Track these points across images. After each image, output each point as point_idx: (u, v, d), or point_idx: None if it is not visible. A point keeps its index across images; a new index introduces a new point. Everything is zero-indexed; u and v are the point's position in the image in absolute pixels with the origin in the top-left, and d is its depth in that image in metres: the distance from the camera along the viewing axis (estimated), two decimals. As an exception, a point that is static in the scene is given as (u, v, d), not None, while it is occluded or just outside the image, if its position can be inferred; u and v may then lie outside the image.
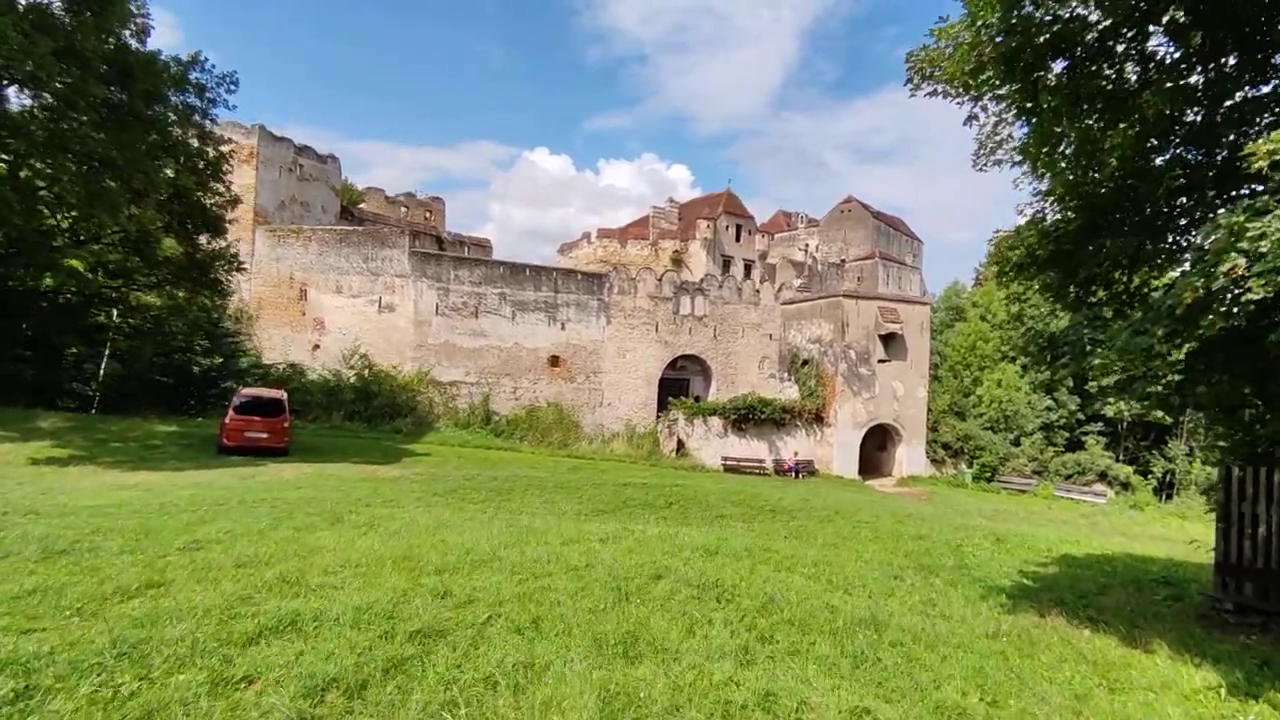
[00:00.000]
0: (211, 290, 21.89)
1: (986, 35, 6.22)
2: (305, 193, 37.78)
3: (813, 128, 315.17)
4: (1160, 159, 7.43)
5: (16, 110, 16.55)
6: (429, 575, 6.00)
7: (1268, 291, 4.40)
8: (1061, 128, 6.97)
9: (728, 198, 53.50)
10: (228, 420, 17.30)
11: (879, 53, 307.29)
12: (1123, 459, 38.73)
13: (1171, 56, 6.90)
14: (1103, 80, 6.99)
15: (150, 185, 17.36)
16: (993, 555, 11.76)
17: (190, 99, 18.85)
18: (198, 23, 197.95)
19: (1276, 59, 6.70)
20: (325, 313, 29.80)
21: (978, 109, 7.14)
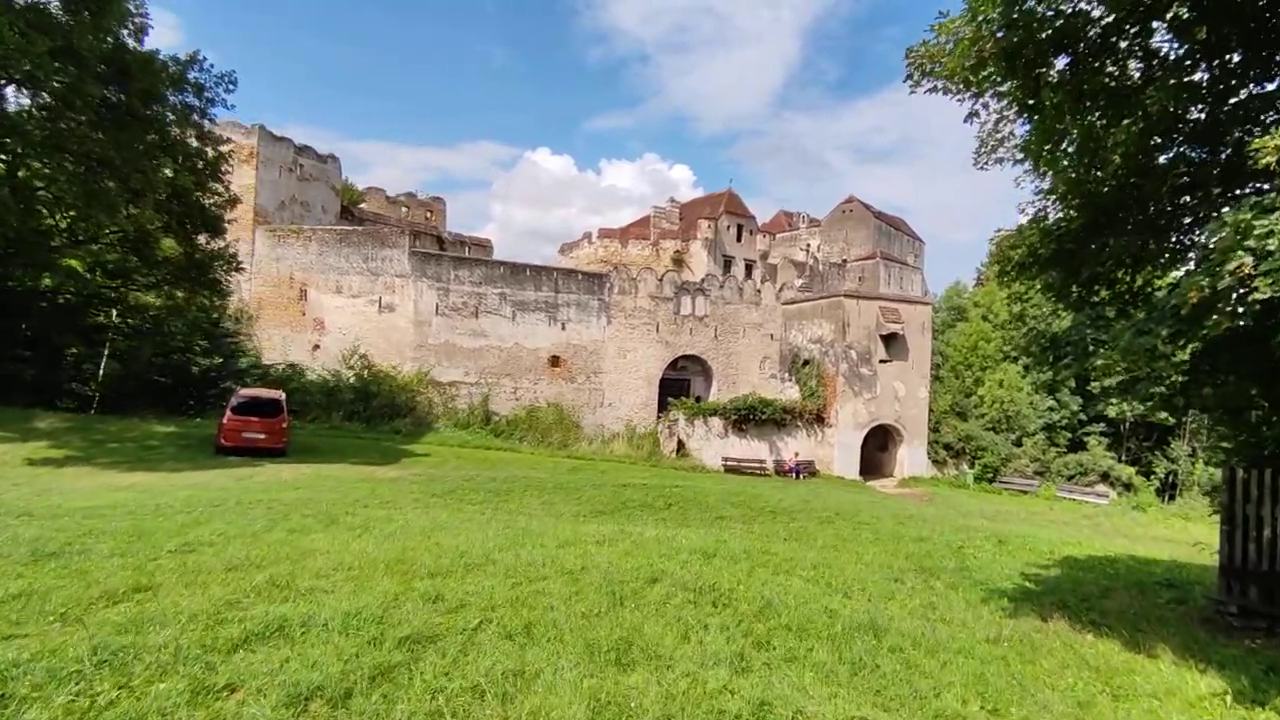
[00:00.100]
0: (210, 290, 21.85)
1: (987, 30, 6.13)
2: (305, 193, 37.75)
3: (814, 128, 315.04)
4: (1164, 157, 7.33)
5: (14, 110, 16.54)
6: (421, 579, 5.92)
7: (1275, 291, 4.31)
8: (1064, 125, 6.87)
9: (729, 198, 53.42)
10: (225, 421, 17.27)
11: (880, 52, 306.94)
12: (1125, 460, 38.55)
13: (1176, 53, 6.79)
14: (1105, 77, 6.89)
15: (148, 185, 17.32)
16: (994, 557, 11.64)
17: (189, 98, 18.84)
18: (198, 23, 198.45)
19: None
20: (325, 313, 29.76)
21: (978, 106, 7.04)
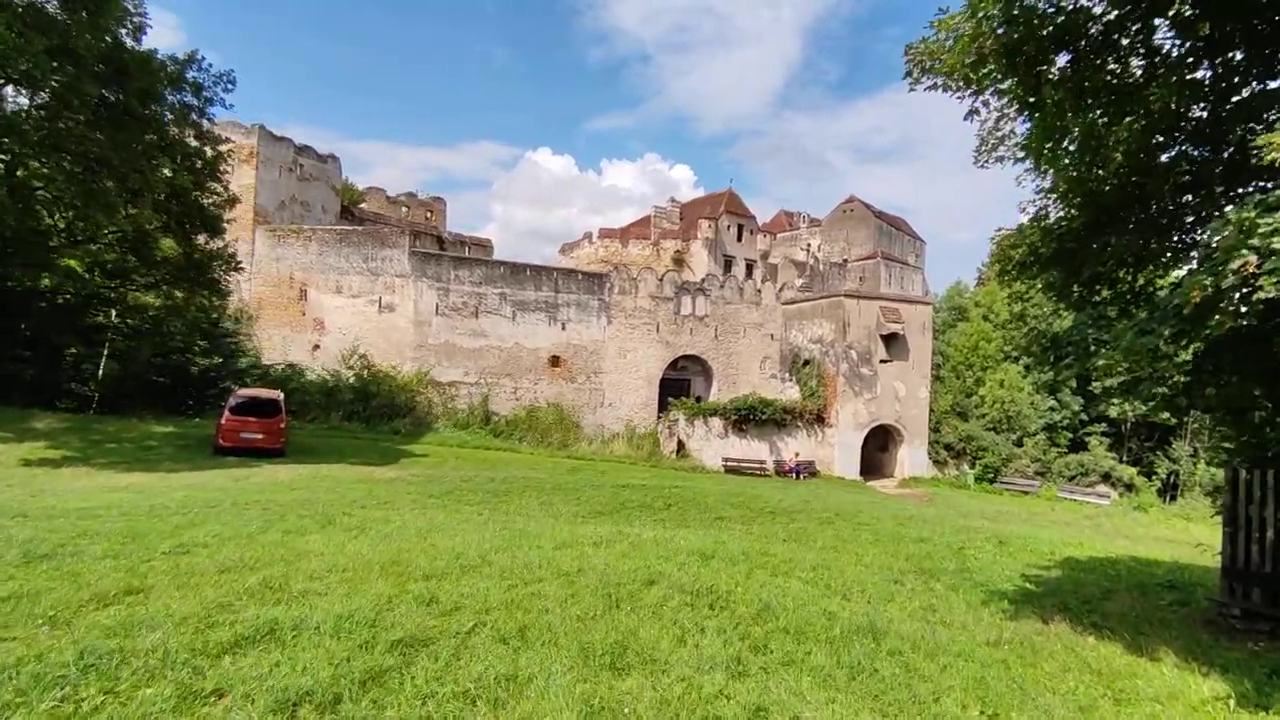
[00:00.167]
0: (209, 290, 21.78)
1: (988, 27, 6.06)
2: (305, 192, 37.70)
3: (814, 127, 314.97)
4: (1166, 155, 7.27)
5: (12, 110, 16.49)
6: (416, 581, 5.86)
7: (1279, 290, 4.24)
8: (1065, 123, 6.80)
9: (729, 197, 53.33)
10: (223, 421, 17.23)
11: (881, 52, 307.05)
12: (1126, 460, 38.45)
13: (1178, 49, 6.73)
14: (1107, 74, 6.82)
15: (146, 185, 17.27)
16: (995, 558, 11.57)
17: (187, 98, 18.77)
18: (199, 23, 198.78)
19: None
20: (325, 313, 29.72)
21: (979, 104, 6.97)
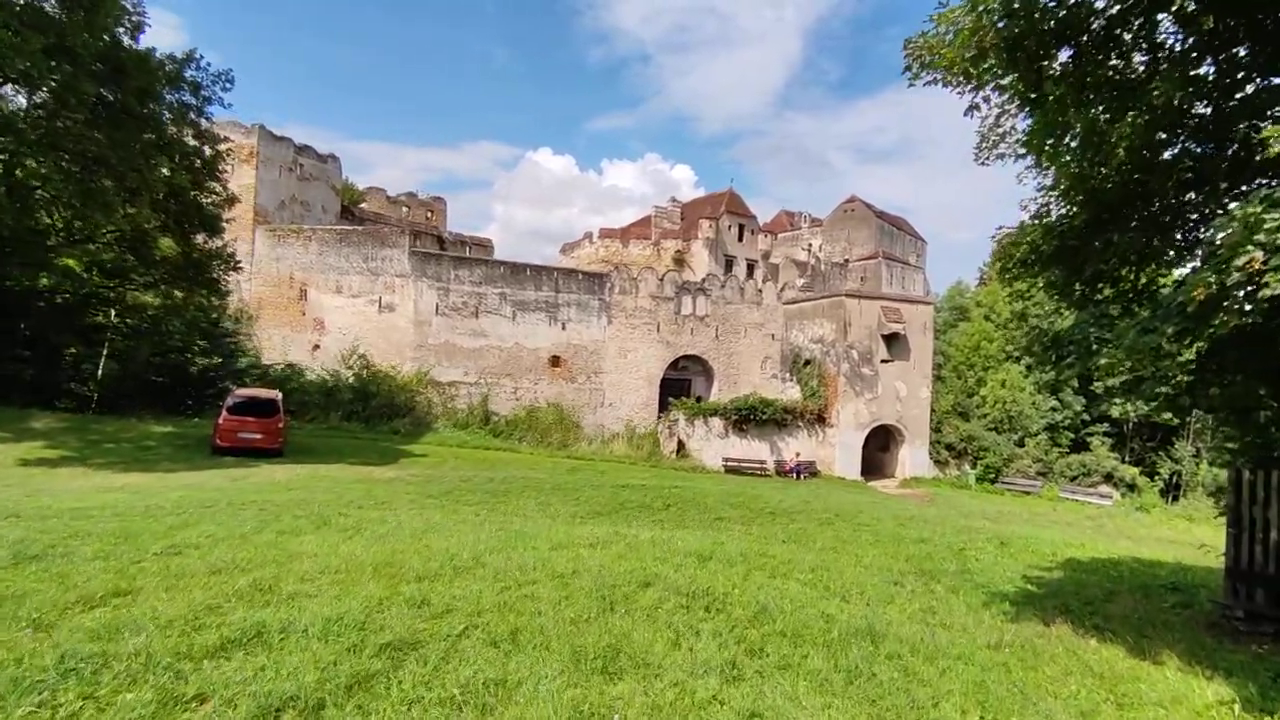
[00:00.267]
0: (208, 290, 21.76)
1: (988, 20, 5.97)
2: (305, 192, 37.65)
3: (815, 127, 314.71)
4: (1169, 152, 7.17)
5: (10, 109, 16.45)
6: (409, 583, 5.79)
7: (1285, 287, 4.15)
8: (1066, 118, 6.71)
9: (730, 197, 53.21)
10: (221, 421, 17.17)
11: (882, 53, 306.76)
12: (1128, 460, 38.26)
13: (1181, 45, 6.64)
14: (1109, 70, 6.74)
15: (144, 184, 17.23)
16: (996, 559, 11.48)
17: (185, 97, 18.74)
18: (199, 23, 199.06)
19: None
20: (325, 313, 29.69)
21: (979, 99, 6.88)
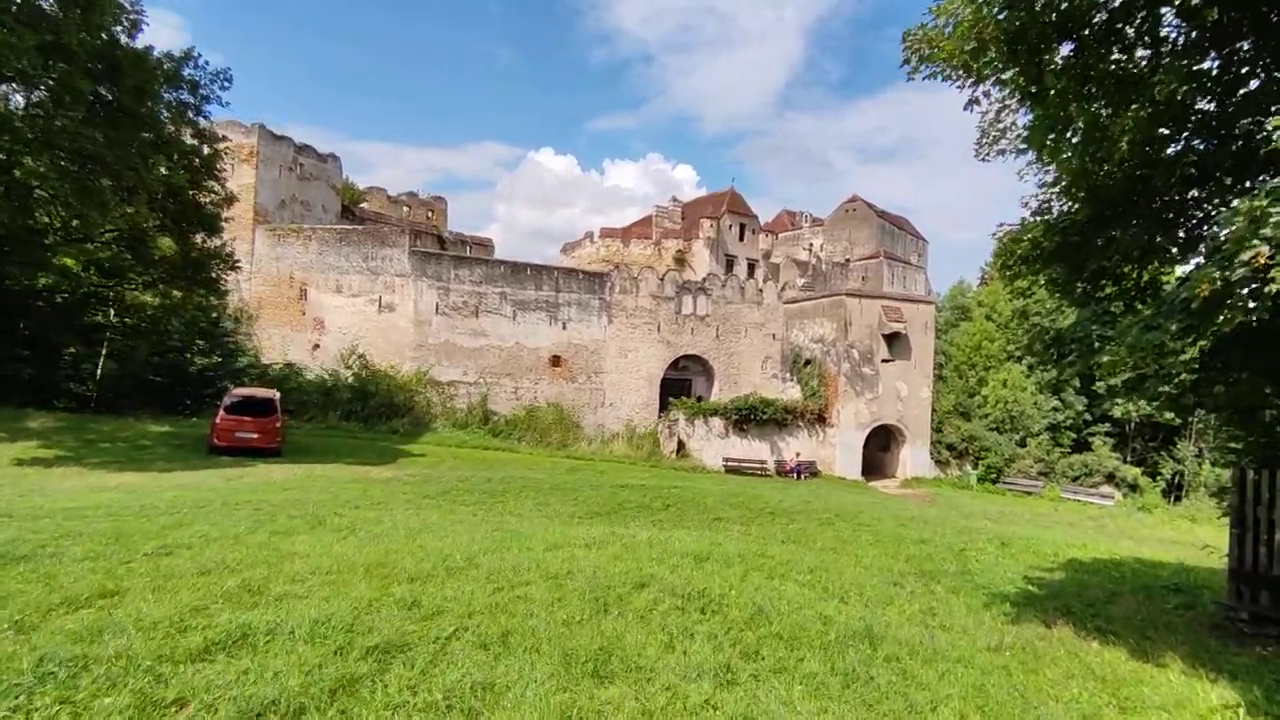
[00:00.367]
0: (207, 289, 21.68)
1: (988, 12, 5.87)
2: (305, 192, 37.57)
3: (817, 127, 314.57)
4: (1172, 147, 7.08)
5: (8, 107, 16.39)
6: (400, 584, 5.71)
7: (1292, 282, 4.06)
8: (1068, 113, 6.61)
9: (731, 197, 53.09)
10: (218, 420, 17.11)
11: (883, 52, 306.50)
12: (1130, 460, 38.10)
13: (1184, 39, 6.54)
14: (1111, 64, 6.64)
15: (142, 183, 17.15)
16: (997, 560, 11.38)
17: (183, 95, 18.64)
18: (200, 23, 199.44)
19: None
20: (325, 312, 29.63)
21: (979, 93, 6.78)
